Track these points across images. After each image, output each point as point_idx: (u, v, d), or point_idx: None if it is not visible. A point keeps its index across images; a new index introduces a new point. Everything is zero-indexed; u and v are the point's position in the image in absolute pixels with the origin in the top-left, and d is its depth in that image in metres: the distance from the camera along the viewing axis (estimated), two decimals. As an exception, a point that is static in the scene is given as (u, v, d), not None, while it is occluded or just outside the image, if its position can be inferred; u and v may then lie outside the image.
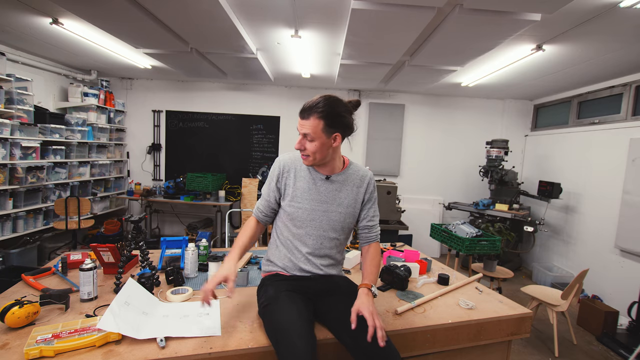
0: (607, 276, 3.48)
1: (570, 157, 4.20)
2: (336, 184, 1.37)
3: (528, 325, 1.49)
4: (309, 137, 1.25)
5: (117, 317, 1.11)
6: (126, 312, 1.17)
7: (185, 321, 1.23)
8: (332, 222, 1.35)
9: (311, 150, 1.26)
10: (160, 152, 5.26)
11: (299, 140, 1.28)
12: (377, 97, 5.23)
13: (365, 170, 1.43)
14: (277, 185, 1.39)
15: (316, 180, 1.36)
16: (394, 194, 3.93)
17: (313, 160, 1.30)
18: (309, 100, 1.26)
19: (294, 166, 1.39)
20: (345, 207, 1.36)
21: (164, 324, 1.19)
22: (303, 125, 1.25)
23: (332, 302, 1.27)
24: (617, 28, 2.39)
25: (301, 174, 1.38)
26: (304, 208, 1.34)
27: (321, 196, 1.35)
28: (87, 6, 2.35)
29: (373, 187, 1.42)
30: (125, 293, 1.23)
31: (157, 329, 1.15)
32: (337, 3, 2.26)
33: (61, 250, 3.96)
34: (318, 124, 1.23)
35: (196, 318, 1.25)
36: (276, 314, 1.16)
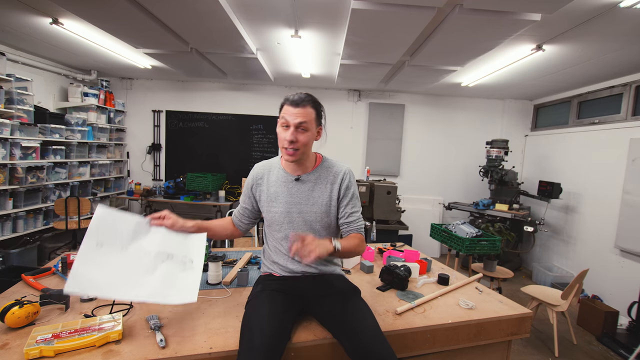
0: (607, 276, 3.48)
1: (570, 157, 4.20)
2: (308, 183, 1.35)
3: (528, 325, 1.49)
4: (303, 126, 1.24)
5: (86, 276, 1.01)
6: (99, 258, 1.06)
7: (167, 270, 1.14)
8: (309, 222, 1.34)
9: (303, 142, 1.25)
10: (160, 152, 5.26)
11: (291, 132, 1.23)
12: (377, 97, 5.23)
13: (340, 166, 1.39)
14: (251, 191, 1.42)
15: (287, 182, 1.35)
16: (394, 194, 3.93)
17: (301, 154, 1.27)
18: (299, 93, 1.27)
19: (266, 172, 1.40)
20: (319, 205, 1.33)
21: (141, 278, 1.08)
22: (297, 114, 1.23)
23: (327, 302, 1.26)
24: (617, 28, 2.39)
25: (273, 179, 1.38)
26: (279, 212, 1.33)
27: (294, 197, 1.33)
28: (87, 6, 2.35)
29: (348, 182, 1.36)
30: (95, 230, 1.10)
31: (132, 287, 1.05)
32: (337, 3, 2.26)
33: (61, 250, 3.96)
34: (312, 113, 1.25)
35: (179, 265, 1.17)
36: (250, 310, 1.18)
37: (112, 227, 1.16)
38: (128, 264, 1.12)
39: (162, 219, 1.29)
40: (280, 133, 1.28)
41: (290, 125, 1.24)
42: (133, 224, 1.22)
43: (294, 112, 1.23)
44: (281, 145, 1.28)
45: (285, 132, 1.25)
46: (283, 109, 1.27)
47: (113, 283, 1.05)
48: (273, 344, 1.03)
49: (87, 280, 1.02)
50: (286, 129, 1.25)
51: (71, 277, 1.02)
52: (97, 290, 1.02)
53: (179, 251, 1.23)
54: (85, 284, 1.02)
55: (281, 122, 1.27)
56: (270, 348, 1.01)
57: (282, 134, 1.26)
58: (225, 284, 1.60)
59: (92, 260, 1.07)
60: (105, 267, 1.07)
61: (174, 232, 1.29)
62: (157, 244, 1.22)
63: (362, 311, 1.21)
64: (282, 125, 1.26)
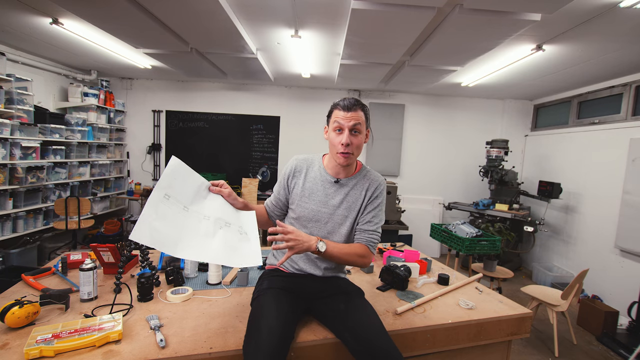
0: (607, 276, 3.48)
1: (570, 157, 4.20)
2: (345, 187, 1.35)
3: (528, 325, 1.49)
4: (356, 128, 1.25)
5: (153, 226, 0.99)
6: (165, 210, 1.04)
7: (226, 235, 1.13)
8: (337, 226, 1.34)
9: (357, 144, 1.26)
10: (160, 152, 5.26)
11: (346, 135, 1.24)
12: (377, 97, 5.23)
13: (377, 176, 1.40)
14: (287, 182, 1.41)
15: (325, 182, 1.36)
16: (394, 194, 3.93)
17: (353, 158, 1.29)
18: (347, 98, 1.28)
19: (306, 167, 1.40)
20: (350, 210, 1.34)
21: (203, 240, 1.07)
22: (351, 117, 1.24)
23: (331, 301, 1.27)
24: (617, 28, 2.39)
25: (311, 175, 1.38)
26: (309, 209, 1.34)
27: (328, 198, 1.34)
28: (87, 6, 2.35)
29: (379, 192, 1.36)
30: (167, 180, 1.09)
31: (197, 248, 1.04)
32: (337, 3, 2.26)
33: (61, 250, 3.96)
34: (362, 116, 1.27)
35: (237, 234, 1.17)
36: (257, 308, 1.18)
37: (181, 181, 1.15)
38: (189, 224, 1.10)
39: (220, 187, 1.29)
40: (333, 138, 1.28)
41: (344, 129, 1.25)
42: (198, 183, 1.21)
43: (347, 116, 1.25)
44: (334, 151, 1.29)
45: (339, 136, 1.26)
46: (334, 114, 1.29)
47: (176, 240, 1.03)
48: (280, 344, 1.03)
49: (153, 231, 1.00)
50: (339, 133, 1.27)
51: (138, 224, 0.99)
52: (160, 244, 0.99)
53: (235, 222, 1.22)
54: (151, 235, 0.99)
55: (334, 127, 1.28)
56: (278, 349, 1.01)
57: (335, 138, 1.27)
58: (225, 284, 1.61)
59: (159, 212, 1.04)
60: (170, 221, 1.05)
61: (228, 204, 1.28)
62: (216, 210, 1.20)
63: (366, 309, 1.21)
64: (335, 129, 1.28)
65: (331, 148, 1.31)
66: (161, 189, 1.08)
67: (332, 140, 1.29)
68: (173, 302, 1.39)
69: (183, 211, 1.10)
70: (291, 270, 1.38)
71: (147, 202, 1.04)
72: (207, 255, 1.07)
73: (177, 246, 1.03)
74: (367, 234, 1.32)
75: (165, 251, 1.00)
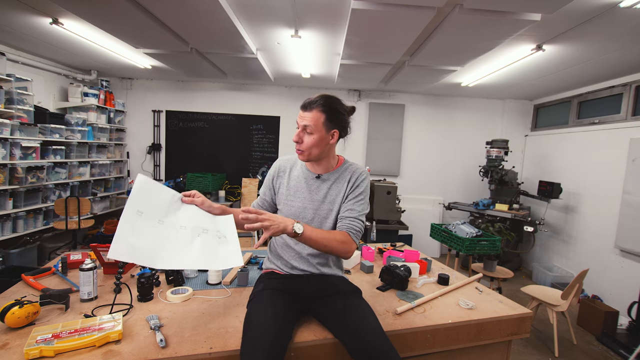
0: (607, 276, 3.48)
1: (570, 157, 4.20)
2: (327, 182, 1.37)
3: (528, 325, 1.49)
4: (308, 129, 1.27)
5: (129, 242, 1.00)
6: (140, 226, 1.06)
7: (204, 242, 1.14)
8: (324, 220, 1.35)
9: (307, 145, 1.28)
10: (160, 152, 5.26)
11: (297, 132, 1.29)
12: (377, 97, 5.23)
13: (358, 168, 1.40)
14: (272, 183, 1.45)
15: (307, 179, 1.38)
16: (394, 194, 3.93)
17: (308, 156, 1.31)
18: (312, 97, 1.29)
19: (289, 166, 1.44)
20: (335, 204, 1.35)
21: (182, 249, 1.09)
22: (304, 117, 1.27)
23: (328, 302, 1.27)
24: (617, 28, 2.39)
25: (295, 174, 1.42)
26: (296, 206, 1.36)
27: (312, 194, 1.36)
28: (87, 6, 2.35)
29: (360, 181, 1.35)
30: (136, 198, 1.10)
31: (175, 254, 1.06)
32: (337, 3, 2.26)
33: (61, 250, 3.96)
34: (319, 117, 1.26)
35: (215, 239, 1.18)
36: (253, 309, 1.19)
37: (150, 196, 1.15)
38: (166, 236, 1.11)
39: (192, 196, 1.28)
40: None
41: (299, 127, 1.29)
42: (169, 196, 1.21)
43: (301, 115, 1.28)
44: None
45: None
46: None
47: (154, 253, 1.04)
48: (277, 344, 1.03)
49: (129, 247, 1.01)
50: (297, 130, 1.31)
51: (114, 243, 1.00)
52: (139, 257, 1.01)
53: (212, 227, 1.22)
54: (128, 251, 1.00)
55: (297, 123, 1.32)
56: (274, 347, 1.01)
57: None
58: (225, 284, 1.61)
59: (133, 228, 1.05)
60: (146, 236, 1.06)
61: (203, 212, 1.28)
62: (192, 219, 1.21)
63: (364, 310, 1.21)
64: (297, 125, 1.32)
65: None
66: (132, 206, 1.09)
67: None
68: (173, 302, 1.39)
69: (158, 224, 1.11)
70: (286, 272, 1.38)
71: (121, 219, 1.05)
72: (187, 262, 1.08)
73: (155, 258, 1.04)
74: (348, 221, 1.30)
75: (145, 264, 1.01)
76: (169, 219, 1.16)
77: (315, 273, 1.36)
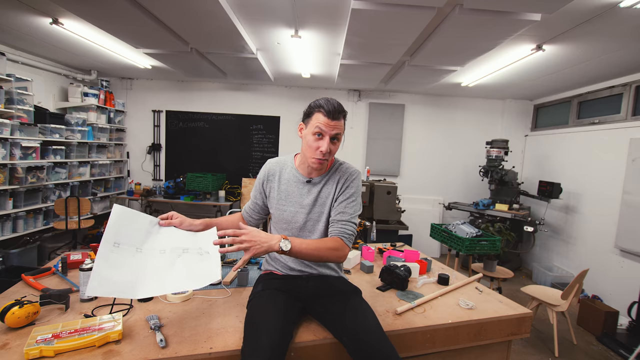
0: (607, 276, 3.48)
1: (570, 157, 4.20)
2: (318, 185, 1.35)
3: (528, 325, 1.49)
4: (338, 137, 1.25)
5: (104, 277, 1.00)
6: (116, 259, 1.05)
7: (185, 261, 1.14)
8: (316, 224, 1.34)
9: (334, 152, 1.28)
10: (160, 152, 5.26)
11: (327, 143, 1.22)
12: (377, 97, 5.23)
13: (348, 168, 1.37)
14: (262, 187, 1.42)
15: (298, 183, 1.36)
16: (394, 194, 3.93)
17: (326, 163, 1.31)
18: (330, 101, 1.23)
19: (279, 169, 1.41)
20: (326, 206, 1.34)
21: (162, 274, 1.08)
22: (335, 126, 1.22)
23: (328, 302, 1.26)
24: (617, 28, 2.39)
25: (285, 177, 1.38)
26: (288, 211, 1.35)
27: (303, 198, 1.34)
28: (87, 6, 2.35)
29: (351, 182, 1.33)
30: (112, 230, 1.09)
31: (155, 282, 1.05)
32: (337, 3, 2.26)
33: (61, 250, 3.96)
34: (343, 124, 1.27)
35: (196, 256, 1.17)
36: (254, 309, 1.19)
37: (127, 226, 1.16)
38: (145, 263, 1.11)
39: (170, 218, 1.30)
40: (311, 142, 1.24)
41: (325, 135, 1.22)
42: (146, 223, 1.22)
43: (331, 124, 1.21)
44: (310, 154, 1.25)
45: (318, 142, 1.23)
46: (316, 117, 1.23)
47: (134, 283, 1.04)
48: (279, 343, 1.03)
49: (108, 282, 1.01)
50: (319, 139, 1.23)
51: (92, 279, 1.00)
52: (118, 292, 1.01)
53: (193, 245, 1.23)
54: (107, 285, 1.00)
55: (314, 131, 1.23)
56: (276, 347, 1.01)
57: (314, 143, 1.23)
58: (225, 284, 1.61)
59: (111, 261, 1.06)
60: (124, 267, 1.07)
61: (182, 231, 1.29)
62: (170, 241, 1.22)
63: (364, 311, 1.20)
64: (315, 133, 1.23)
65: (306, 150, 1.27)
66: (109, 240, 1.09)
67: (309, 144, 1.25)
68: (173, 302, 1.39)
69: (137, 253, 1.11)
70: (285, 272, 1.37)
71: (97, 255, 1.05)
72: (169, 286, 1.08)
73: (136, 288, 1.04)
74: (340, 225, 1.27)
75: (125, 296, 1.01)
76: (147, 245, 1.16)
77: (314, 273, 1.36)
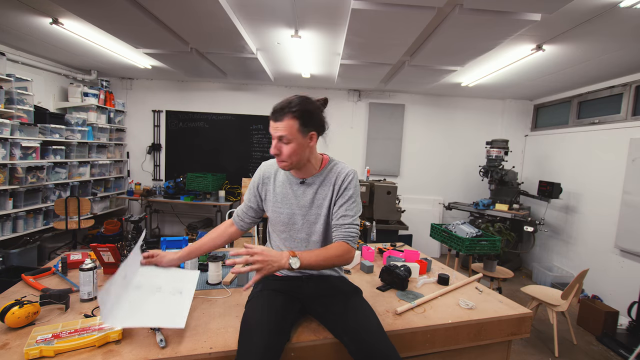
0: (607, 276, 3.48)
1: (570, 157, 4.20)
2: (313, 186, 1.32)
3: (528, 325, 1.49)
4: (284, 140, 1.20)
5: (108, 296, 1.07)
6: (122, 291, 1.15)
7: (157, 300, 1.18)
8: (313, 225, 1.32)
9: (287, 154, 1.21)
10: (160, 152, 5.26)
11: (274, 144, 1.22)
12: (377, 97, 5.23)
13: (343, 167, 1.34)
14: (257, 190, 1.41)
15: (292, 184, 1.34)
16: (394, 194, 3.93)
17: (290, 165, 1.25)
18: (279, 102, 1.22)
19: (273, 172, 1.39)
20: (323, 208, 1.31)
21: (133, 308, 1.14)
22: (277, 127, 1.19)
23: (328, 303, 1.26)
24: (617, 28, 2.39)
25: (279, 180, 1.37)
26: (284, 213, 1.33)
27: (299, 200, 1.32)
28: (87, 6, 2.35)
29: (348, 183, 1.30)
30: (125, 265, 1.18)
31: (126, 314, 1.10)
32: (337, 3, 2.26)
33: (61, 250, 3.96)
34: (293, 125, 1.19)
35: (168, 296, 1.21)
36: (250, 310, 1.18)
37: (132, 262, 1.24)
38: (126, 294, 1.17)
39: (151, 257, 1.34)
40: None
41: (274, 138, 1.22)
42: (138, 259, 1.30)
43: (274, 125, 1.20)
44: None
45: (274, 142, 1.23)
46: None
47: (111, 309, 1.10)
48: (272, 345, 1.03)
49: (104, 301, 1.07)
50: (274, 141, 1.23)
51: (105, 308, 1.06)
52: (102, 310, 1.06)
53: (168, 283, 1.27)
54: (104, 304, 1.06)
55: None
56: (269, 348, 1.01)
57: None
58: (225, 284, 1.61)
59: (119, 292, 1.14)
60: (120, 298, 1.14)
61: (161, 268, 1.35)
62: (147, 277, 1.28)
63: (365, 311, 1.20)
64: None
65: None
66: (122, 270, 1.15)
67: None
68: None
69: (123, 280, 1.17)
70: (285, 274, 1.36)
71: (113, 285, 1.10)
72: (136, 321, 1.10)
73: (111, 314, 1.07)
74: (344, 229, 1.26)
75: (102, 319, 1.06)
76: (130, 277, 1.22)
77: (314, 274, 1.36)
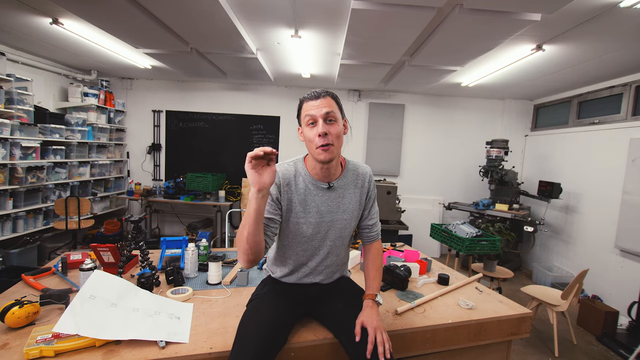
0: (607, 276, 3.48)
1: (570, 157, 4.20)
2: (338, 190, 1.24)
3: (528, 325, 1.49)
4: (331, 116, 1.11)
5: (78, 316, 1.07)
6: (90, 307, 1.12)
7: (154, 321, 1.18)
8: (338, 231, 1.25)
9: (336, 134, 1.11)
10: (160, 152, 5.26)
11: (322, 125, 1.09)
12: (377, 97, 5.23)
13: (363, 167, 1.32)
14: (279, 197, 1.19)
15: (318, 191, 1.21)
16: (394, 194, 3.93)
17: (335, 151, 1.12)
18: (308, 92, 1.16)
19: (292, 177, 1.21)
20: (350, 212, 1.25)
21: (131, 323, 1.13)
22: (320, 104, 1.11)
23: (332, 304, 1.26)
24: (617, 28, 2.39)
25: (301, 186, 1.21)
26: (310, 222, 1.21)
27: (326, 207, 1.22)
28: (87, 6, 2.35)
29: (373, 184, 1.32)
30: (90, 286, 1.19)
31: (122, 328, 1.10)
32: (337, 3, 2.25)
33: (61, 250, 3.96)
34: (334, 103, 1.15)
35: (166, 319, 1.20)
36: (250, 311, 1.17)
37: (105, 285, 1.24)
38: (117, 316, 1.15)
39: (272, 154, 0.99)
40: (308, 133, 1.13)
41: (317, 120, 1.11)
42: (124, 286, 1.28)
43: (316, 104, 1.11)
44: (313, 148, 1.13)
45: (314, 129, 1.11)
46: (304, 108, 1.15)
47: (103, 325, 1.09)
48: (265, 351, 1.01)
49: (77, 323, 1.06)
50: (313, 126, 1.12)
51: (64, 316, 1.07)
52: (86, 329, 1.06)
53: (166, 310, 1.27)
54: (77, 323, 1.06)
55: (307, 121, 1.12)
56: (262, 350, 1.00)
57: (310, 132, 1.12)
58: (225, 284, 1.61)
59: (84, 308, 1.12)
60: (96, 315, 1.12)
61: (160, 297, 1.35)
62: (144, 302, 1.27)
63: None
64: (308, 123, 1.12)
65: (309, 146, 1.15)
66: (85, 294, 1.16)
67: (308, 137, 1.13)
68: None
69: (111, 307, 1.17)
70: (294, 282, 1.31)
71: (71, 303, 1.12)
72: (135, 333, 1.10)
73: (104, 330, 1.08)
74: (375, 229, 1.36)
75: (91, 335, 1.05)
76: (123, 303, 1.21)
77: (324, 282, 1.32)
